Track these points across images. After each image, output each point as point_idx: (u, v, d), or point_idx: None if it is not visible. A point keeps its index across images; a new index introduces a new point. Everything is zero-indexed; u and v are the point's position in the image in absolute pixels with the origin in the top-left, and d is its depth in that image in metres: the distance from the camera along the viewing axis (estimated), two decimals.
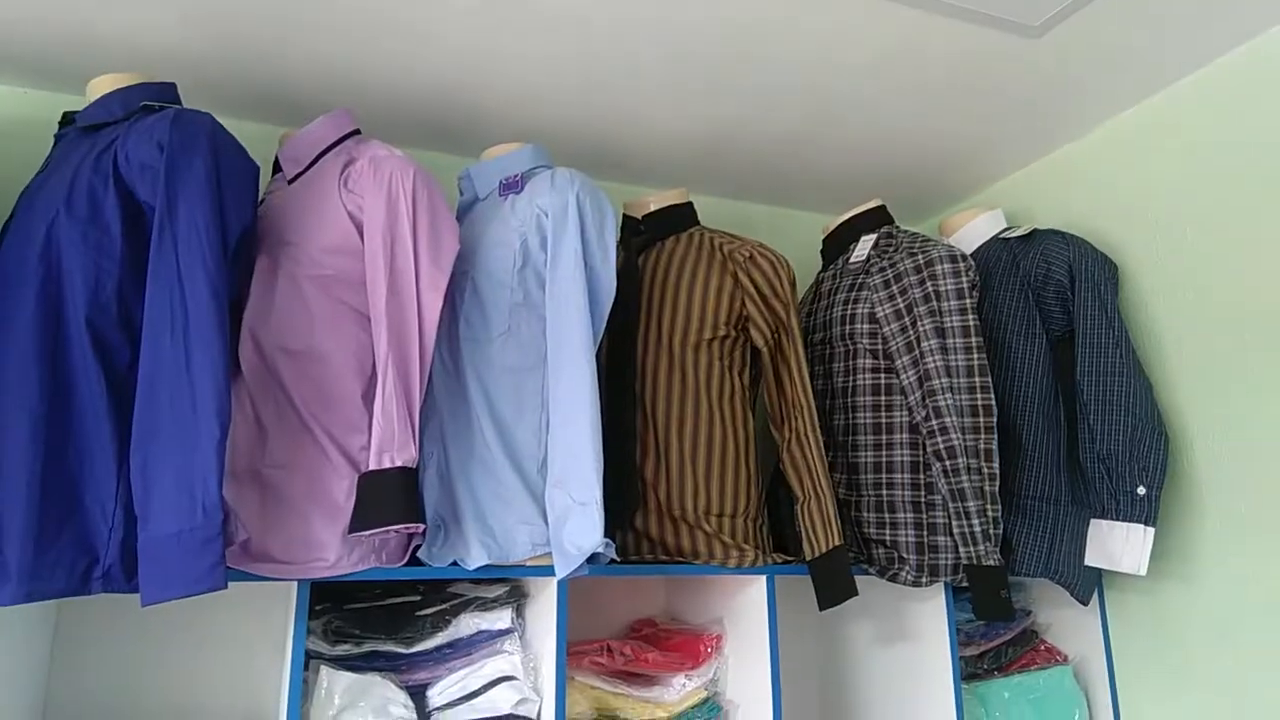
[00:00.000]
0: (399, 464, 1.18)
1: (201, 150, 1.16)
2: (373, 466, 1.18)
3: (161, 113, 1.21)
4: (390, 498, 1.17)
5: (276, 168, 1.44)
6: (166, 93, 1.33)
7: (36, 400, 1.07)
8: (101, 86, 1.31)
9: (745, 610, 1.50)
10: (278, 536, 1.18)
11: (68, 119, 1.32)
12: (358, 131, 1.44)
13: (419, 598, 1.41)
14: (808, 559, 1.47)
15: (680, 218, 1.67)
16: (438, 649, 1.35)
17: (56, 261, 1.12)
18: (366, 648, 1.31)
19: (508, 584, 1.43)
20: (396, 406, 1.20)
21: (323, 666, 1.22)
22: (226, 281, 1.13)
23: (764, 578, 1.46)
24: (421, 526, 1.18)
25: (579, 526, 1.21)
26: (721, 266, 1.55)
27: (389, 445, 1.18)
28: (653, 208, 1.66)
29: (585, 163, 1.80)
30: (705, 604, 1.63)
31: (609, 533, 1.25)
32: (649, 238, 1.64)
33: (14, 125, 1.42)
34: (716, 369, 1.51)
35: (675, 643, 1.56)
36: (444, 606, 1.38)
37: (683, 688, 1.48)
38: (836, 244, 1.81)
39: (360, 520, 1.17)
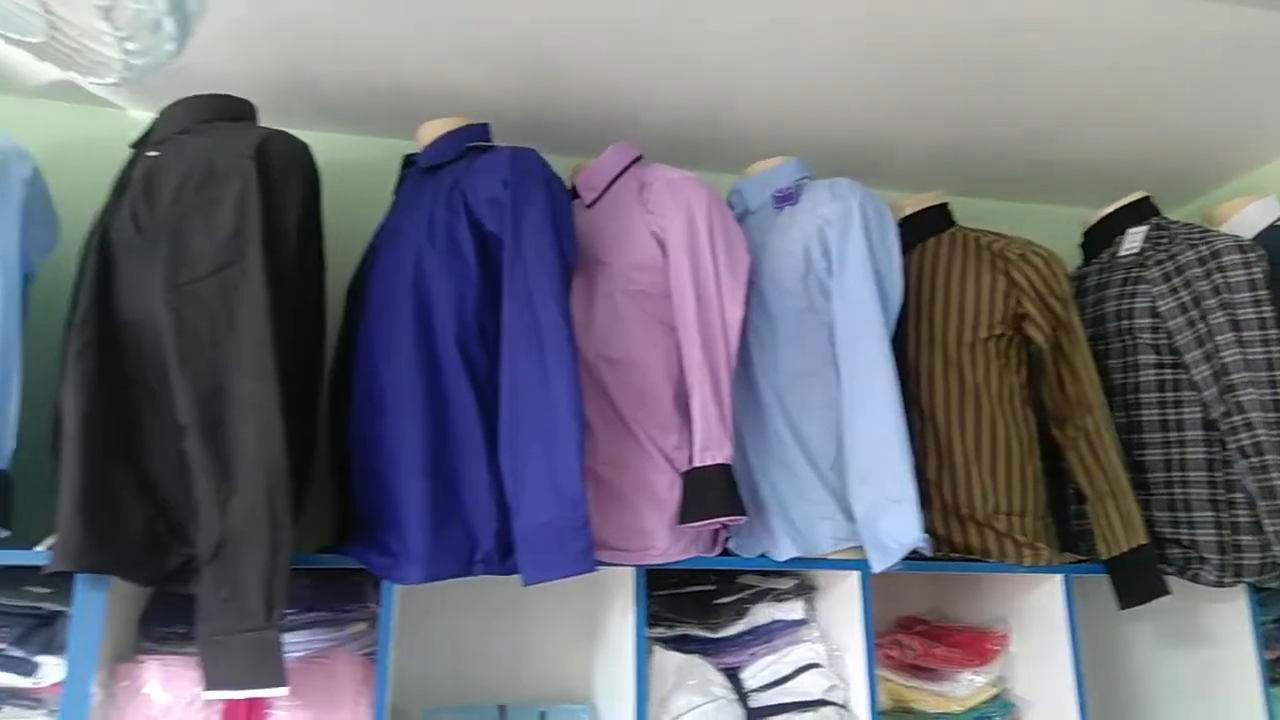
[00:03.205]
0: (719, 461, 1.28)
1: (539, 183, 1.31)
2: (696, 464, 1.28)
3: (497, 151, 1.36)
4: (715, 492, 1.26)
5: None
6: (484, 133, 1.49)
7: (421, 410, 1.23)
8: (432, 131, 1.48)
9: (1036, 609, 1.50)
10: (613, 527, 1.29)
11: (409, 161, 1.51)
12: (640, 157, 1.56)
13: (713, 587, 1.50)
14: (1104, 557, 1.45)
15: (938, 219, 1.69)
16: (740, 635, 1.43)
17: (425, 289, 1.29)
18: (679, 631, 1.42)
19: (796, 577, 1.50)
20: (713, 408, 1.29)
21: (656, 647, 1.33)
22: (568, 298, 1.25)
23: (1059, 577, 1.45)
24: (745, 518, 1.27)
25: (897, 522, 1.26)
26: (991, 265, 1.56)
27: (709, 444, 1.28)
28: (909, 211, 1.69)
29: (836, 171, 1.84)
30: (982, 603, 1.63)
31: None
32: (908, 240, 1.66)
33: (355, 168, 1.62)
34: (994, 368, 1.52)
35: (957, 640, 1.57)
36: (741, 596, 1.46)
37: (971, 684, 1.49)
38: (1100, 238, 1.77)
39: (689, 512, 1.27)
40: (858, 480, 1.33)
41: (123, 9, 0.68)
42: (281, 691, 1.07)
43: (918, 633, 1.60)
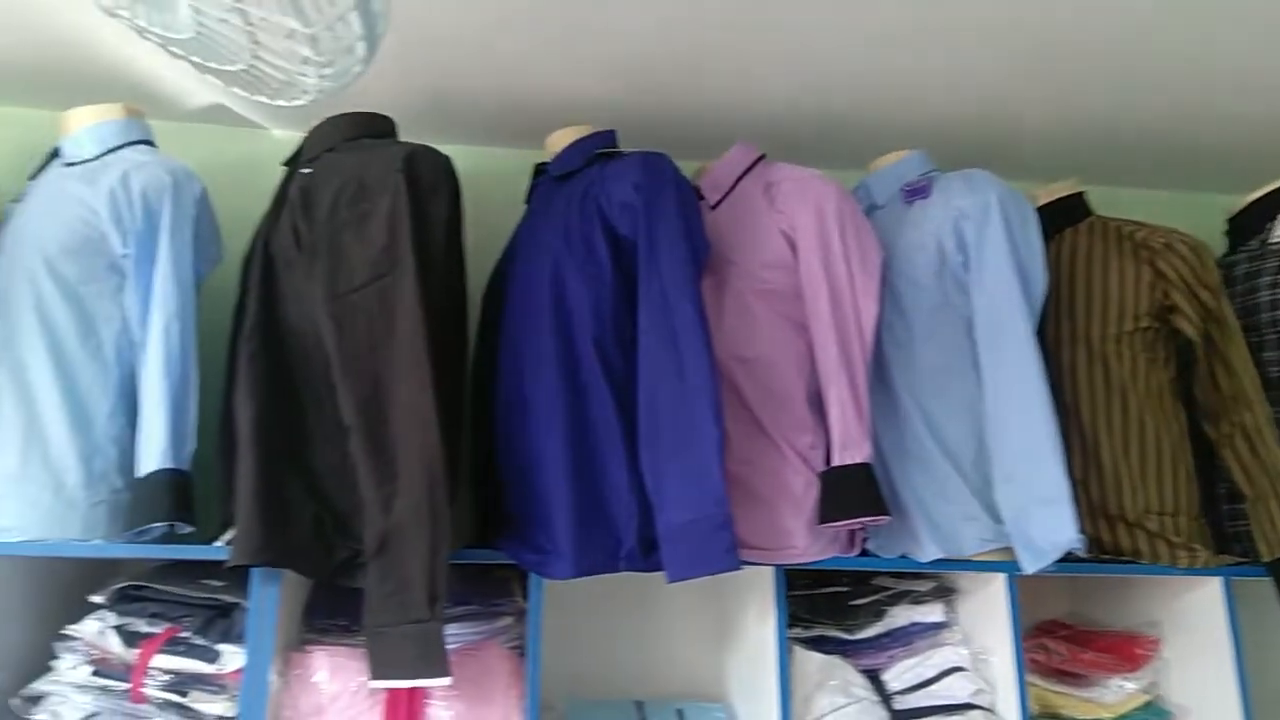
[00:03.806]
0: (859, 460, 1.27)
1: (670, 187, 1.32)
2: (836, 463, 1.28)
3: (627, 157, 1.38)
4: (856, 491, 1.26)
5: None
6: (611, 139, 1.52)
7: (564, 412, 1.27)
8: (560, 140, 1.52)
9: (1191, 613, 1.43)
10: (751, 526, 1.30)
11: (539, 170, 1.55)
12: (764, 156, 1.56)
13: (847, 589, 1.48)
14: (1265, 559, 1.38)
15: (1075, 209, 1.64)
16: (878, 637, 1.42)
17: (563, 294, 1.32)
18: (815, 632, 1.41)
19: (934, 579, 1.47)
20: (851, 407, 1.29)
21: (797, 647, 1.33)
22: (702, 298, 1.27)
23: (1218, 579, 1.39)
24: (889, 518, 1.26)
25: (1050, 522, 1.23)
26: (1135, 255, 1.50)
27: (848, 443, 1.28)
28: (1043, 201, 1.64)
29: (961, 163, 1.80)
30: (1129, 606, 1.57)
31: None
32: (1045, 232, 1.61)
33: (485, 178, 1.68)
34: (1141, 362, 1.46)
35: (1104, 644, 1.51)
36: (878, 598, 1.45)
37: (1121, 690, 1.44)
38: (1248, 224, 1.68)
39: (829, 512, 1.27)
40: (1005, 480, 1.30)
41: (326, 37, 0.72)
42: (444, 681, 1.11)
43: (1062, 637, 1.55)
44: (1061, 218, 1.62)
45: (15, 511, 1.19)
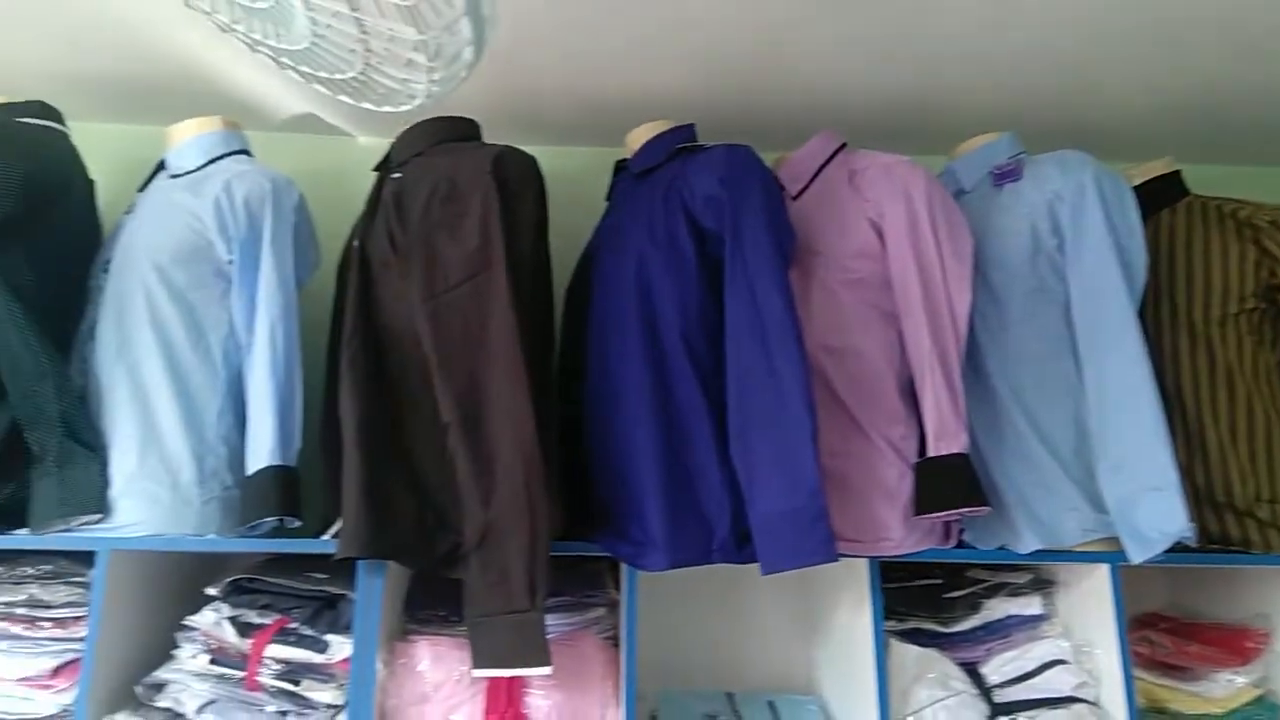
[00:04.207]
0: (955, 450, 1.25)
1: (755, 178, 1.32)
2: (932, 453, 1.26)
3: (710, 150, 1.38)
4: (953, 482, 1.24)
5: None
6: (691, 134, 1.52)
7: (652, 405, 1.28)
8: (640, 136, 1.53)
9: None
10: (844, 518, 1.29)
11: (620, 167, 1.56)
12: (845, 145, 1.54)
13: (940, 581, 1.46)
14: None
15: (1171, 188, 1.58)
16: (974, 630, 1.40)
17: (649, 289, 1.33)
18: (910, 625, 1.40)
19: (1031, 571, 1.44)
20: (945, 397, 1.26)
21: (893, 640, 1.32)
22: (790, 289, 1.26)
23: None
24: (988, 509, 1.24)
25: (1158, 511, 1.19)
26: (1238, 234, 1.45)
27: (944, 433, 1.26)
28: (1137, 181, 1.59)
29: (1048, 145, 1.76)
30: (1236, 598, 1.51)
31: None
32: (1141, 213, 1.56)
33: (564, 178, 1.70)
34: (1248, 345, 1.41)
35: (1211, 637, 1.46)
36: (973, 590, 1.42)
37: (1230, 684, 1.39)
38: None
39: (926, 504, 1.25)
40: (1109, 469, 1.26)
41: (438, 43, 0.74)
42: (545, 670, 1.13)
43: (1165, 629, 1.50)
44: (1157, 198, 1.56)
45: (135, 508, 1.25)
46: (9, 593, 1.26)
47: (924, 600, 1.43)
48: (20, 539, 1.25)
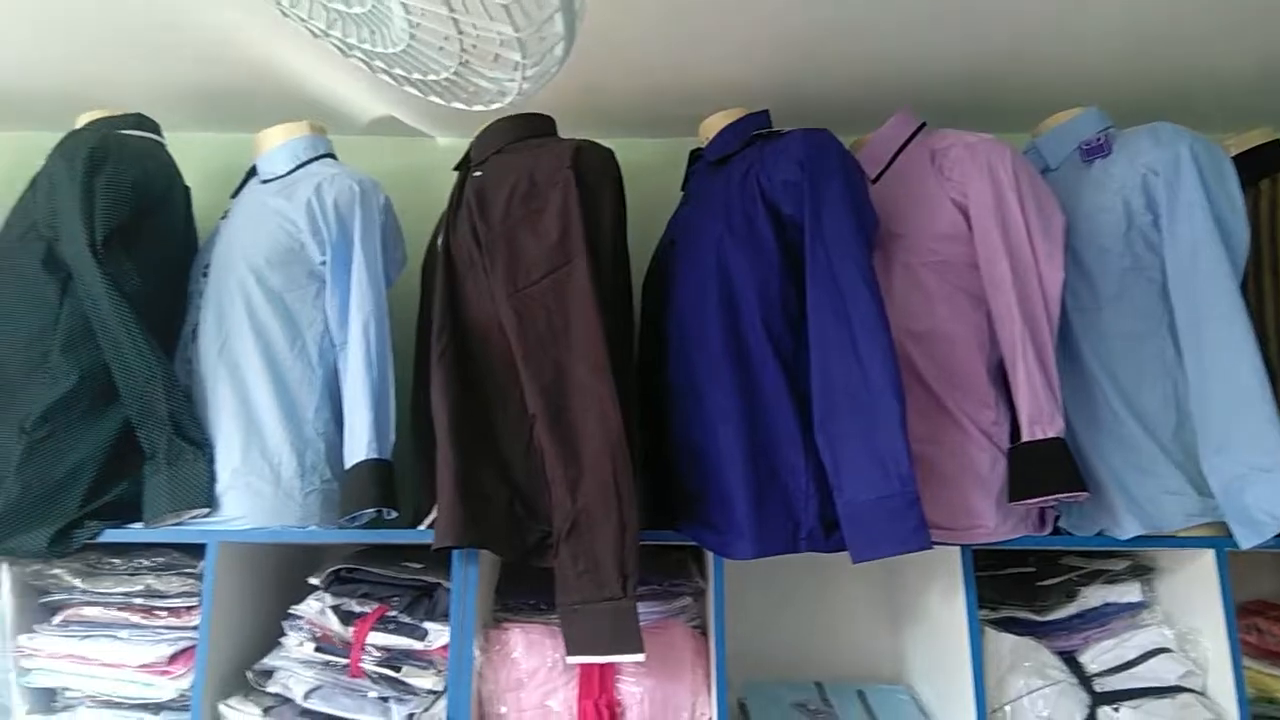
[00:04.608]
0: (1050, 435, 1.22)
1: (835, 162, 1.30)
2: (1026, 438, 1.23)
3: (788, 135, 1.37)
4: (1049, 467, 1.21)
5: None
6: (766, 120, 1.51)
7: (735, 393, 1.28)
8: (713, 125, 1.52)
9: None
10: (935, 505, 1.26)
11: (694, 156, 1.56)
12: (924, 125, 1.51)
13: (1033, 569, 1.43)
14: None
15: (1272, 158, 1.52)
16: (1070, 619, 1.37)
17: (728, 277, 1.33)
18: (1003, 613, 1.37)
19: (1129, 557, 1.40)
20: (1039, 380, 1.24)
21: (988, 629, 1.30)
22: (874, 273, 1.24)
23: None
24: (1086, 494, 1.20)
25: (1268, 493, 1.15)
26: None
27: (1039, 417, 1.23)
28: (1234, 152, 1.53)
29: (1136, 119, 1.70)
30: None
31: None
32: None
33: (636, 169, 1.71)
34: None
35: None
36: (1068, 578, 1.39)
37: None
38: None
39: (1021, 489, 1.22)
40: (1213, 450, 1.22)
41: (532, 40, 0.76)
42: (639, 657, 1.15)
43: (1274, 617, 1.44)
44: (1258, 168, 1.50)
45: (240, 502, 1.31)
46: (127, 584, 1.32)
47: (1017, 588, 1.40)
48: (135, 532, 1.31)
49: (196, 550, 1.32)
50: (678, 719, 1.26)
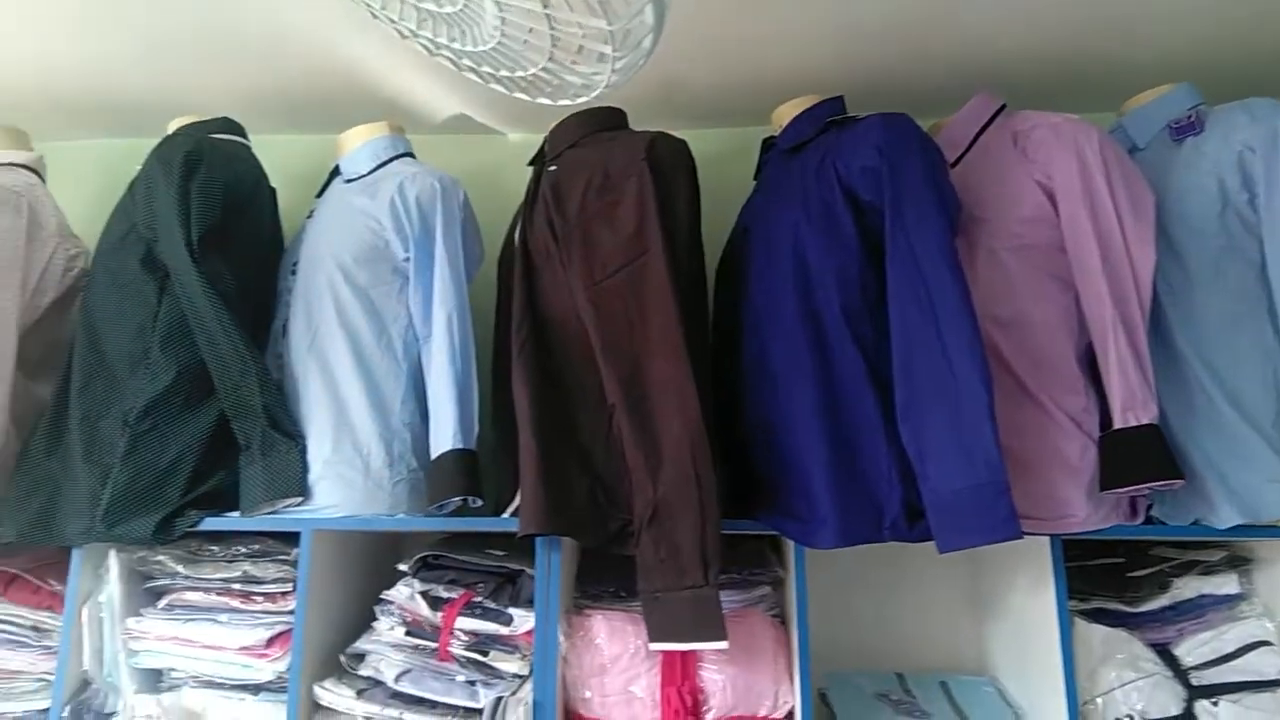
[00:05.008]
0: (1144, 421, 1.19)
1: (915, 146, 1.29)
2: (1118, 425, 1.20)
3: (865, 120, 1.36)
4: (1145, 455, 1.18)
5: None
6: (840, 106, 1.50)
7: (814, 381, 1.27)
8: (787, 112, 1.51)
9: None
10: (1023, 495, 1.23)
11: (767, 145, 1.56)
12: (1004, 106, 1.48)
13: (1123, 560, 1.40)
14: None
15: None
16: (1162, 610, 1.33)
17: (805, 265, 1.32)
18: (1094, 604, 1.34)
19: (1224, 548, 1.36)
20: (1132, 365, 1.20)
21: (1078, 620, 1.27)
22: (958, 258, 1.22)
23: None
24: (1182, 482, 1.17)
25: None
26: None
27: (1132, 403, 1.20)
28: None
29: (1231, 94, 1.64)
30: None
31: None
32: None
33: (711, 158, 1.71)
34: None
35: None
36: (1161, 568, 1.35)
37: None
38: None
39: (1114, 478, 1.20)
40: None
41: (624, 33, 0.76)
42: (722, 645, 1.15)
43: None
44: None
45: (332, 491, 1.35)
46: (225, 570, 1.38)
47: (1107, 579, 1.37)
48: (233, 520, 1.37)
49: (289, 538, 1.38)
50: (760, 707, 1.26)
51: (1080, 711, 1.22)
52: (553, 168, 1.43)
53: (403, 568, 1.37)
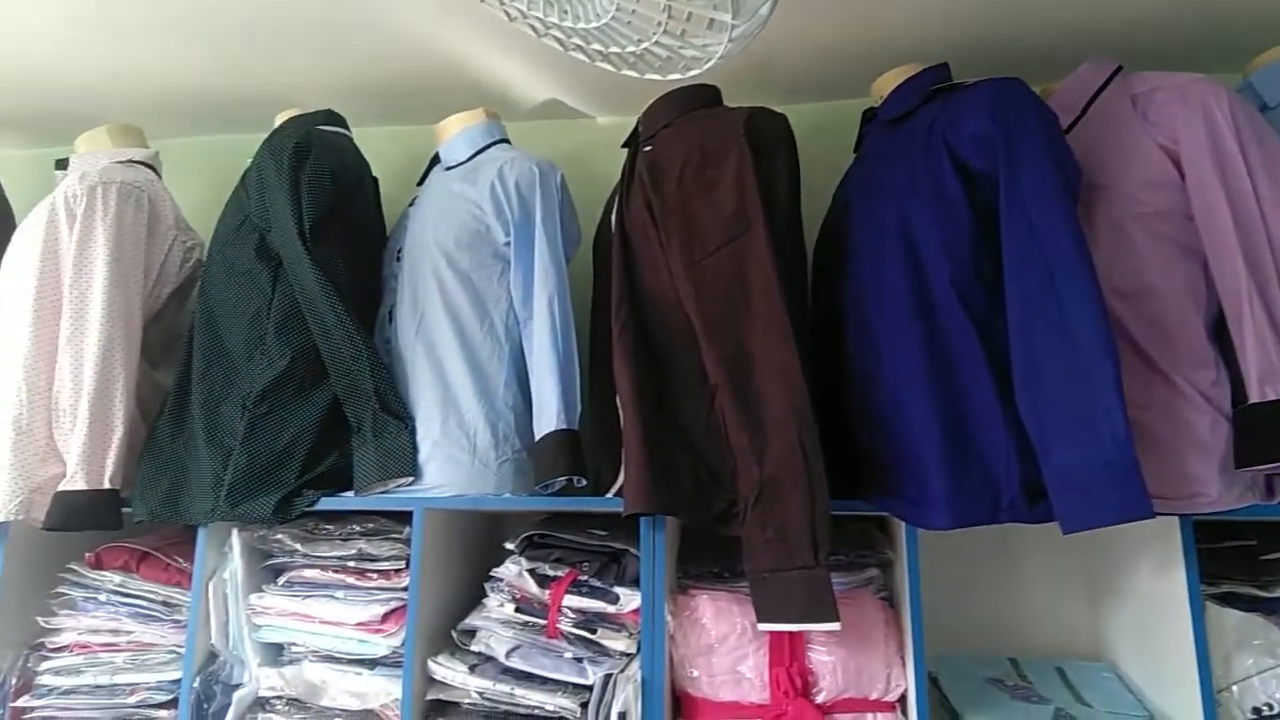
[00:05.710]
0: None
1: (1031, 111, 1.24)
2: (1255, 399, 1.14)
3: (975, 87, 1.31)
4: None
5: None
6: (945, 74, 1.45)
7: (925, 358, 1.24)
8: (888, 83, 1.47)
9: None
10: (1150, 473, 1.17)
11: (868, 116, 1.52)
12: (1121, 68, 1.41)
13: (1254, 542, 1.32)
14: None
15: None
16: None
17: (913, 238, 1.28)
18: (1224, 588, 1.27)
19: None
20: (1269, 334, 1.14)
21: (1210, 604, 1.21)
22: (1079, 226, 1.17)
23: None
24: None
25: None
26: None
27: (1269, 376, 1.13)
28: None
29: None
30: None
31: None
32: None
33: (808, 132, 1.68)
34: None
35: None
36: None
37: None
38: None
39: (1253, 454, 1.13)
40: None
41: (742, 1, 0.75)
42: (834, 626, 1.14)
43: None
44: None
45: (441, 471, 1.38)
46: (340, 548, 1.43)
47: (1238, 562, 1.30)
48: (347, 500, 1.41)
49: (401, 516, 1.41)
50: (872, 690, 1.24)
51: (1214, 699, 1.16)
52: (648, 148, 1.43)
53: (510, 546, 1.39)
